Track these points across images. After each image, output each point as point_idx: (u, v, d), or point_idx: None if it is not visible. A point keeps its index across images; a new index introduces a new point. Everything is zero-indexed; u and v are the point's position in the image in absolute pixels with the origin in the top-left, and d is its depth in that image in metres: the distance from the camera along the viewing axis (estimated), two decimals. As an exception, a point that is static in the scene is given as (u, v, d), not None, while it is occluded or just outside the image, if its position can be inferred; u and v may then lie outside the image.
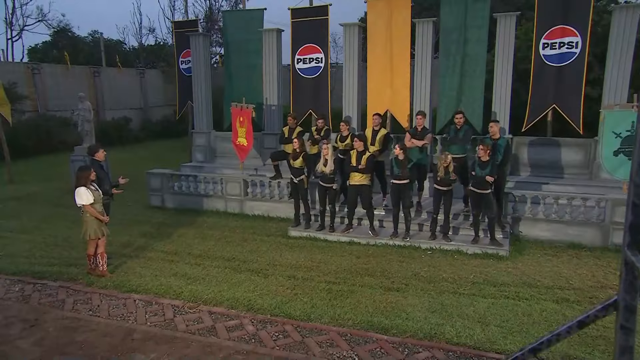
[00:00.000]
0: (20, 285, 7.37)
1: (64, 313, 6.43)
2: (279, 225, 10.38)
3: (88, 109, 13.85)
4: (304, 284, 7.27)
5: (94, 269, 7.63)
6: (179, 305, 6.62)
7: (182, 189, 11.71)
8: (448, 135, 9.67)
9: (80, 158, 13.82)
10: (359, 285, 7.24)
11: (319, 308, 6.43)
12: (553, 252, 8.56)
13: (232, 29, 13.42)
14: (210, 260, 8.32)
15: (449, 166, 8.50)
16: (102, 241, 7.61)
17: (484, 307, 6.43)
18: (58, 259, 8.46)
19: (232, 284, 7.29)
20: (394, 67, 11.53)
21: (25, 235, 9.91)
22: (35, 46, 38.02)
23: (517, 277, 7.45)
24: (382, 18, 11.53)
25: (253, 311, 6.41)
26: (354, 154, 9.07)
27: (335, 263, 8.17)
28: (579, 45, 10.20)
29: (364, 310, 6.36)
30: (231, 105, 11.58)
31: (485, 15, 10.62)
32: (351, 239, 9.22)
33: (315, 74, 12.37)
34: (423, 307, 6.45)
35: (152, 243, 9.28)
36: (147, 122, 28.20)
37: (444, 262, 8.17)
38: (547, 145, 10.92)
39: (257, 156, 13.09)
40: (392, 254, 8.56)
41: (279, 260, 8.32)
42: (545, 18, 10.42)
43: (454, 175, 8.55)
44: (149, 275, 7.64)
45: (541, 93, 10.64)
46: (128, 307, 6.60)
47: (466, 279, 7.40)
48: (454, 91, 11.15)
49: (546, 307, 6.46)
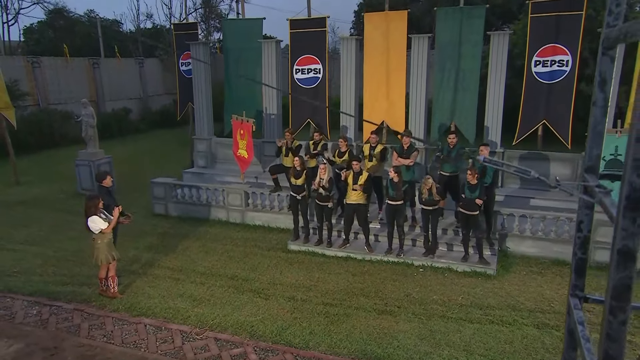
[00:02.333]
0: (37, 307, 7.85)
1: (81, 340, 6.93)
2: (279, 236, 10.85)
3: (91, 114, 14.15)
4: (302, 307, 7.77)
5: (106, 291, 8.12)
6: (187, 331, 7.12)
7: (185, 198, 12.14)
8: (441, 153, 10.07)
9: (85, 162, 14.26)
10: (354, 307, 7.74)
11: (316, 335, 6.95)
12: (538, 270, 9.07)
13: (231, 37, 13.64)
14: (214, 279, 8.80)
15: (432, 188, 8.96)
16: (112, 265, 8.07)
17: (470, 334, 6.95)
18: (70, 277, 8.94)
19: (235, 307, 7.79)
20: (390, 78, 11.84)
21: (35, 248, 10.37)
22: (30, 25, 37.89)
23: (502, 299, 7.96)
24: (378, 30, 11.79)
25: (256, 338, 6.92)
26: (351, 174, 9.47)
27: (332, 282, 8.67)
28: (569, 64, 10.51)
29: (358, 338, 6.88)
30: (231, 118, 11.91)
31: (480, 32, 10.89)
32: (348, 254, 9.70)
33: (314, 84, 12.66)
34: (413, 334, 6.96)
35: (158, 258, 9.76)
36: (147, 111, 28.45)
37: (434, 280, 8.68)
38: (536, 159, 11.32)
39: (257, 163, 13.47)
40: (387, 271, 9.06)
41: (279, 279, 8.82)
42: (537, 36, 10.70)
43: (437, 197, 9.00)
44: (157, 297, 8.14)
45: (532, 108, 10.99)
46: (139, 333, 7.10)
47: (455, 301, 7.91)
48: (448, 104, 11.49)
49: (527, 333, 6.98)
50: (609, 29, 1.70)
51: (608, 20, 1.73)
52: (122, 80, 27.77)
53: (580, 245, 2.03)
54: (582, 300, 2.04)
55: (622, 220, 1.31)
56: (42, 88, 23.40)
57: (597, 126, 1.86)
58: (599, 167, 1.90)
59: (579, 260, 2.02)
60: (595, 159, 1.87)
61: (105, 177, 8.68)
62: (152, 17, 44.46)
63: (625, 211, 1.30)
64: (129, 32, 39.60)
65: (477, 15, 10.84)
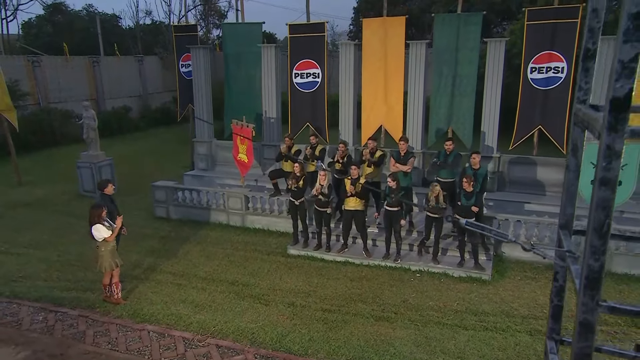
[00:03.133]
0: (43, 314, 8.05)
1: (86, 347, 7.13)
2: (278, 240, 11.04)
3: (92, 117, 14.29)
4: (302, 313, 7.98)
5: (110, 297, 8.32)
6: (189, 337, 7.32)
7: (185, 201, 12.32)
8: (438, 159, 10.24)
9: (86, 164, 14.42)
10: (352, 313, 7.95)
11: (315, 342, 7.15)
12: (532, 275, 9.27)
13: (231, 41, 13.77)
14: (215, 285, 9.00)
15: (439, 196, 9.12)
16: (116, 272, 8.26)
17: (464, 341, 7.16)
18: (74, 282, 9.14)
19: (236, 313, 7.99)
20: (388, 83, 12.00)
21: (39, 252, 10.56)
22: (29, 20, 37.88)
23: (497, 305, 8.17)
24: (376, 36, 11.93)
25: (256, 345, 7.12)
26: (348, 181, 9.64)
27: (331, 287, 8.87)
28: (565, 71, 10.66)
29: (356, 344, 7.08)
30: (232, 123, 12.06)
31: (477, 38, 11.05)
32: (346, 259, 9.89)
33: (313, 88, 12.80)
34: (409, 341, 7.17)
35: (159, 263, 9.95)
36: (147, 109, 28.58)
37: (431, 286, 8.88)
38: (532, 164, 11.50)
39: (257, 166, 13.63)
40: (384, 276, 9.26)
41: (279, 284, 9.01)
42: (533, 43, 10.84)
43: (444, 204, 9.17)
44: (159, 303, 8.34)
45: (528, 114, 11.16)
46: (143, 339, 7.30)
47: (450, 307, 8.12)
48: (445, 109, 11.65)
49: (520, 340, 7.19)
50: (580, 104, 1.86)
51: (578, 95, 1.89)
52: (122, 78, 27.89)
53: (557, 293, 2.21)
54: (559, 342, 2.22)
55: (582, 297, 1.49)
56: (43, 87, 23.52)
57: (570, 187, 2.02)
58: (572, 224, 2.08)
59: (555, 307, 2.20)
60: (569, 217, 2.05)
61: (107, 185, 8.85)
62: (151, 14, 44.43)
63: (585, 290, 1.48)
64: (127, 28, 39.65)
65: (474, 22, 10.98)
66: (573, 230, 2.06)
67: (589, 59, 1.94)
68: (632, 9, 1.42)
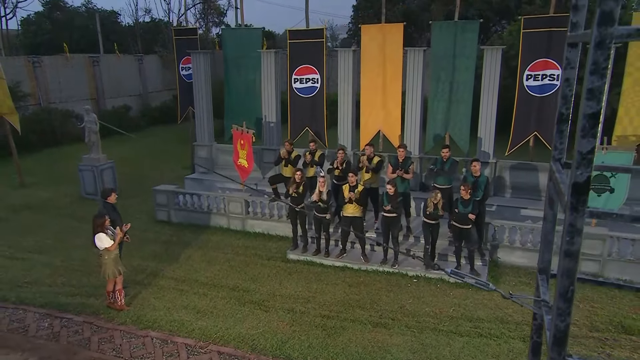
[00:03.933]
0: (48, 320, 8.25)
1: (92, 354, 7.34)
2: (278, 245, 11.24)
3: (94, 120, 14.45)
4: (301, 319, 8.18)
5: (113, 304, 8.51)
6: (191, 344, 7.52)
7: (187, 205, 12.50)
8: (435, 166, 10.41)
9: (88, 168, 14.59)
10: (350, 320, 8.15)
11: (314, 349, 7.36)
12: (527, 280, 9.47)
13: (230, 45, 13.91)
14: (216, 290, 9.20)
15: (439, 203, 9.31)
16: (119, 279, 8.45)
17: (459, 347, 7.36)
18: (78, 288, 9.34)
19: (237, 319, 8.19)
20: (386, 88, 12.16)
21: (43, 257, 10.75)
22: (28, 17, 37.91)
23: (491, 312, 8.37)
24: (375, 42, 12.08)
25: (257, 351, 7.32)
26: (346, 187, 9.82)
27: (329, 293, 9.07)
28: (560, 78, 10.80)
29: (354, 351, 7.29)
30: (232, 128, 12.22)
31: (474, 45, 11.20)
32: (345, 264, 10.09)
33: (312, 93, 12.96)
34: (406, 347, 7.37)
35: (162, 268, 10.14)
36: (147, 108, 28.70)
37: (427, 292, 9.08)
38: (528, 170, 11.68)
39: (257, 170, 13.80)
40: (382, 282, 9.46)
41: (278, 289, 9.21)
42: (529, 51, 10.99)
43: (443, 212, 9.36)
44: (162, 309, 8.53)
45: (524, 121, 11.33)
46: (147, 346, 7.50)
47: (446, 313, 8.32)
48: (442, 114, 11.82)
49: (514, 346, 7.40)
50: (555, 162, 2.03)
51: (554, 154, 2.06)
52: (122, 77, 28.00)
53: (536, 330, 2.39)
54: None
55: (551, 352, 1.68)
56: (43, 87, 23.64)
57: (547, 236, 2.20)
58: (549, 270, 2.26)
59: (535, 343, 2.39)
60: (546, 263, 2.22)
61: (110, 194, 9.02)
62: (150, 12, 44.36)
63: (553, 346, 1.66)
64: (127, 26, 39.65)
65: (471, 30, 11.14)
66: (550, 274, 2.23)
67: (563, 123, 2.12)
68: (588, 110, 1.60)
